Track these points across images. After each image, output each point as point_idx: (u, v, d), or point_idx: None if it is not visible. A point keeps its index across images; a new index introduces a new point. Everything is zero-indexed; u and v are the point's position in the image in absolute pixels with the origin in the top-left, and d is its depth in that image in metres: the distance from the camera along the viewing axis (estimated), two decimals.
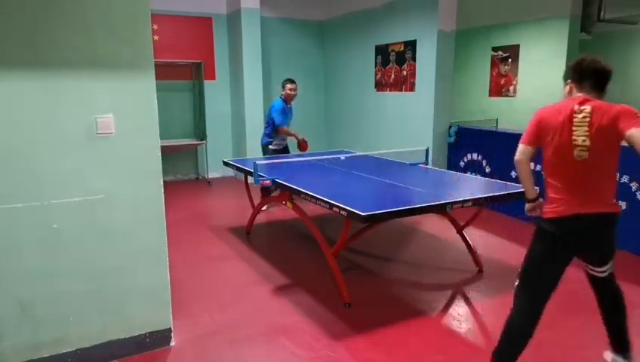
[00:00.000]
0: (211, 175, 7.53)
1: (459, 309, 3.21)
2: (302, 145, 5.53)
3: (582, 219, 2.11)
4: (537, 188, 2.36)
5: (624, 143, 2.06)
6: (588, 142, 2.06)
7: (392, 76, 6.71)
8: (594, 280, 2.43)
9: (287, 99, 5.48)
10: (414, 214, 3.12)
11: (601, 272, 2.35)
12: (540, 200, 2.33)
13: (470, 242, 3.85)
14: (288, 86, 5.45)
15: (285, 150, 5.67)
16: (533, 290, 2.21)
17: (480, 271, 3.79)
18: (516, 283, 2.25)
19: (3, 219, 2.24)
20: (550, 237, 2.17)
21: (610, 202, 2.17)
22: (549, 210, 2.17)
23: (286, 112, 5.47)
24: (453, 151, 6.16)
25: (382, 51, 6.87)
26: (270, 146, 5.55)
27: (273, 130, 5.43)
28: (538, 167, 5.04)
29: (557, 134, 2.12)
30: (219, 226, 5.08)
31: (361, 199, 3.39)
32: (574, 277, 3.69)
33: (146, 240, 2.57)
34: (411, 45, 6.26)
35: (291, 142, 5.71)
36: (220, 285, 3.61)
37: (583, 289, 3.49)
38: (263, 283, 3.62)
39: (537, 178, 2.36)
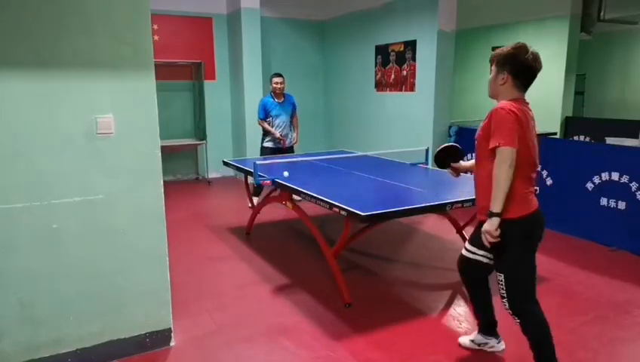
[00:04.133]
0: (211, 175, 7.53)
1: (459, 309, 3.21)
2: (280, 141, 5.55)
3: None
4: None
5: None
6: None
7: (392, 76, 6.71)
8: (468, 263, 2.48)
9: (274, 94, 5.56)
10: (414, 214, 3.12)
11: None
12: None
13: None
14: (274, 80, 5.55)
15: (282, 150, 5.58)
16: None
17: None
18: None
19: (3, 219, 2.24)
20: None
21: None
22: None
23: (270, 107, 5.53)
24: None
25: (382, 51, 6.87)
26: (264, 144, 5.66)
27: (263, 130, 5.59)
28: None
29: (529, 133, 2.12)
30: (219, 226, 5.08)
31: (361, 199, 3.39)
32: (574, 278, 3.71)
33: (146, 240, 2.57)
34: (411, 45, 6.26)
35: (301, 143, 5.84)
36: (219, 285, 3.61)
37: (583, 289, 3.50)
38: (263, 283, 3.62)
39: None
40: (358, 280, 3.63)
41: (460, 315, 3.12)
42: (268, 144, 5.63)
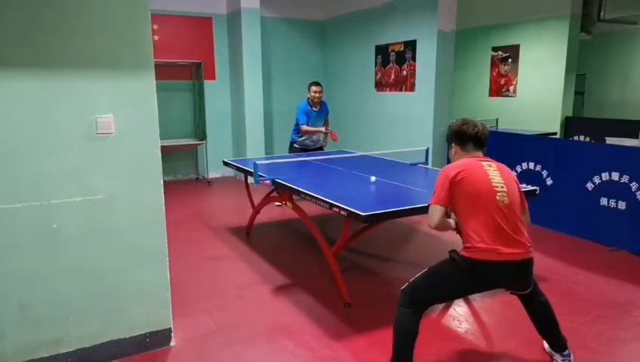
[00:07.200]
0: (211, 175, 7.53)
1: (459, 309, 3.21)
2: (332, 136, 5.63)
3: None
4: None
5: None
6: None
7: (392, 76, 6.71)
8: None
9: (312, 102, 5.56)
10: (414, 214, 3.11)
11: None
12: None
13: None
14: (312, 88, 5.53)
15: (312, 150, 5.71)
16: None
17: None
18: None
19: (3, 219, 2.24)
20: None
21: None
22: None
23: (310, 114, 5.54)
24: None
25: (382, 51, 6.87)
26: (295, 145, 5.74)
27: (299, 130, 5.61)
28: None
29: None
30: (219, 226, 5.08)
31: (361, 199, 3.39)
32: (574, 278, 3.71)
33: (146, 240, 2.57)
34: (411, 45, 6.26)
35: (329, 142, 5.86)
36: (220, 285, 3.61)
37: (583, 289, 3.50)
38: (263, 283, 3.62)
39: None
40: (358, 280, 3.63)
41: (460, 315, 3.12)
42: (304, 142, 5.66)
